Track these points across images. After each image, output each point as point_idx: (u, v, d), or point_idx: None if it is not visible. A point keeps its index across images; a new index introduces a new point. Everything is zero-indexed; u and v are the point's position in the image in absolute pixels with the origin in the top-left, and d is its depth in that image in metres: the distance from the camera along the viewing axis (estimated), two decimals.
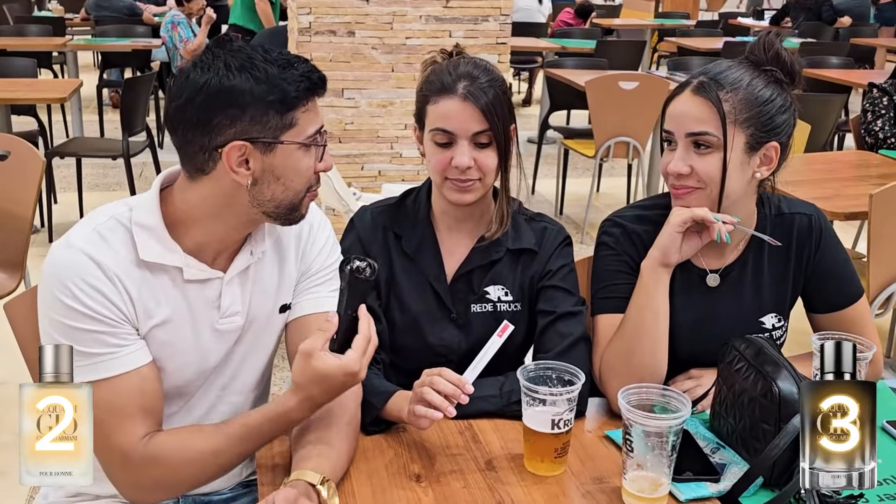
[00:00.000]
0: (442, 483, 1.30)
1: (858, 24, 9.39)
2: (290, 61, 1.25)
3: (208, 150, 1.24)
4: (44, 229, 4.73)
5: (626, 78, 4.83)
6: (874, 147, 3.70)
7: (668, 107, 1.53)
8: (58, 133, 6.51)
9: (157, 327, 1.31)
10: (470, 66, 1.53)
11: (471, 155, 1.50)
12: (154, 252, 1.29)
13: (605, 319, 1.58)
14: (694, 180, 1.49)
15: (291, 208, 1.32)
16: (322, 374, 1.22)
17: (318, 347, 1.22)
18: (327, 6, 3.66)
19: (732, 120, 1.46)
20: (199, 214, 1.31)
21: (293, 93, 1.23)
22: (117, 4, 8.24)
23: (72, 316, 1.23)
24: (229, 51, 1.24)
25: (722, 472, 1.32)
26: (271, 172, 1.26)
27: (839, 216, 2.81)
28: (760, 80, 1.49)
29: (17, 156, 2.84)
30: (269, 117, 1.23)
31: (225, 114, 1.22)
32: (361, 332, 1.24)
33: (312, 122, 1.28)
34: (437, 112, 1.52)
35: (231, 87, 1.21)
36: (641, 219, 1.62)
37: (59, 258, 1.25)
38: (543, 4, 8.83)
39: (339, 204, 2.87)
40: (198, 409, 1.41)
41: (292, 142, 1.26)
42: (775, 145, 1.50)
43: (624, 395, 1.25)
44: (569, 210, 5.44)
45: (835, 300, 1.63)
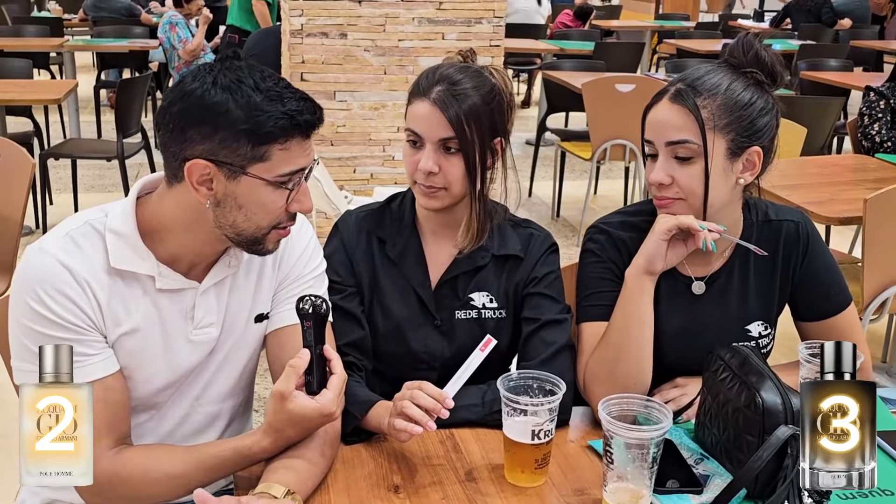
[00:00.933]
0: (421, 495, 1.28)
1: (859, 26, 9.37)
2: (281, 95, 1.20)
3: (179, 160, 1.22)
4: (39, 231, 4.72)
5: (623, 80, 4.81)
6: (871, 151, 3.68)
7: (647, 115, 1.50)
8: (55, 134, 6.51)
9: (126, 335, 1.29)
10: (454, 70, 1.50)
11: (436, 160, 1.48)
12: (126, 259, 1.27)
13: (590, 327, 1.56)
14: (675, 191, 1.47)
15: (253, 240, 1.28)
16: (298, 416, 1.22)
17: (293, 389, 1.21)
18: (319, 8, 3.65)
19: (711, 126, 1.43)
20: (172, 224, 1.29)
21: (269, 127, 1.19)
22: (115, 5, 8.25)
23: (39, 322, 1.22)
24: (227, 67, 1.21)
25: (705, 483, 1.30)
26: (234, 199, 1.23)
27: (834, 220, 2.80)
28: (740, 83, 1.46)
29: (8, 158, 2.84)
30: (240, 144, 1.19)
31: (198, 129, 1.19)
32: (337, 373, 1.24)
33: (288, 163, 1.22)
34: (410, 113, 1.51)
35: (210, 103, 1.18)
36: (627, 225, 1.60)
37: (31, 263, 1.24)
38: (542, 6, 8.82)
39: (329, 207, 2.86)
40: (170, 418, 1.40)
41: (257, 176, 1.21)
42: (757, 150, 1.48)
43: (605, 406, 1.24)
44: (565, 212, 5.43)
45: (822, 308, 1.61)
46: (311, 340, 1.23)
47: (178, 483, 1.27)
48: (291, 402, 1.21)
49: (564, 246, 4.80)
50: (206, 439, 1.42)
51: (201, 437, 1.43)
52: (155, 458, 1.28)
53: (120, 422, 1.28)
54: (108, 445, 1.25)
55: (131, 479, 1.25)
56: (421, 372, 1.57)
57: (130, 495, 1.27)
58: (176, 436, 1.41)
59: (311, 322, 1.23)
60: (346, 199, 2.98)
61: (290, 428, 1.24)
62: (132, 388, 1.32)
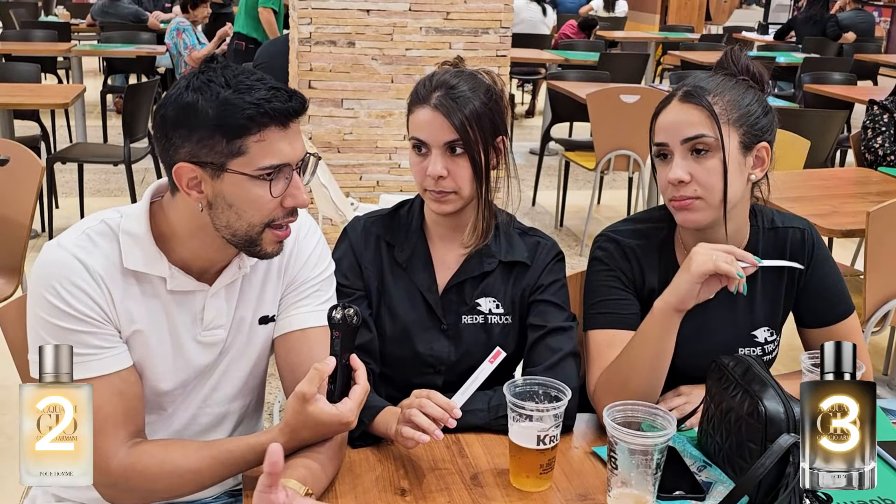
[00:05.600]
0: (427, 499, 1.30)
1: (863, 40, 9.39)
2: (251, 87, 1.20)
3: (169, 166, 1.25)
4: (45, 234, 4.74)
5: (628, 91, 4.83)
6: (874, 164, 3.69)
7: (656, 121, 1.53)
8: (61, 138, 6.54)
9: (137, 334, 1.31)
10: (449, 76, 1.53)
11: (444, 164, 1.50)
12: (138, 261, 1.29)
13: (598, 335, 1.58)
14: (694, 189, 1.48)
15: (248, 241, 1.28)
16: (316, 420, 1.23)
17: (315, 392, 1.22)
18: (328, 16, 3.67)
19: (725, 120, 1.47)
20: (180, 232, 1.31)
21: (239, 119, 1.19)
22: (123, 11, 8.29)
23: (57, 315, 1.24)
24: (202, 70, 1.23)
25: (708, 490, 1.32)
26: (223, 199, 1.24)
27: (836, 233, 2.80)
28: (740, 86, 1.52)
29: (17, 161, 2.85)
30: (216, 141, 1.20)
31: (177, 132, 1.22)
32: (360, 384, 1.26)
33: (267, 155, 1.21)
34: (413, 122, 1.54)
35: (183, 104, 1.20)
36: (635, 233, 1.62)
37: (48, 257, 1.27)
38: (547, 16, 8.84)
39: (336, 214, 2.87)
40: (179, 418, 1.41)
41: (238, 171, 1.22)
42: (765, 145, 1.51)
43: (609, 413, 1.25)
44: (569, 222, 5.44)
45: (825, 315, 1.63)
46: (338, 349, 1.25)
47: (192, 477, 1.28)
48: (312, 405, 1.22)
49: (568, 255, 4.78)
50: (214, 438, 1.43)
51: (209, 436, 1.44)
52: (169, 452, 1.29)
53: (136, 415, 1.30)
54: (125, 438, 1.27)
55: (146, 473, 1.26)
56: (427, 376, 1.59)
57: (145, 488, 1.28)
58: (184, 435, 1.42)
59: (340, 332, 1.25)
60: (353, 206, 3.00)
61: (306, 430, 1.25)
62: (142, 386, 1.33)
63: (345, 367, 1.26)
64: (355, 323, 1.25)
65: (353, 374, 1.27)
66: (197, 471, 1.28)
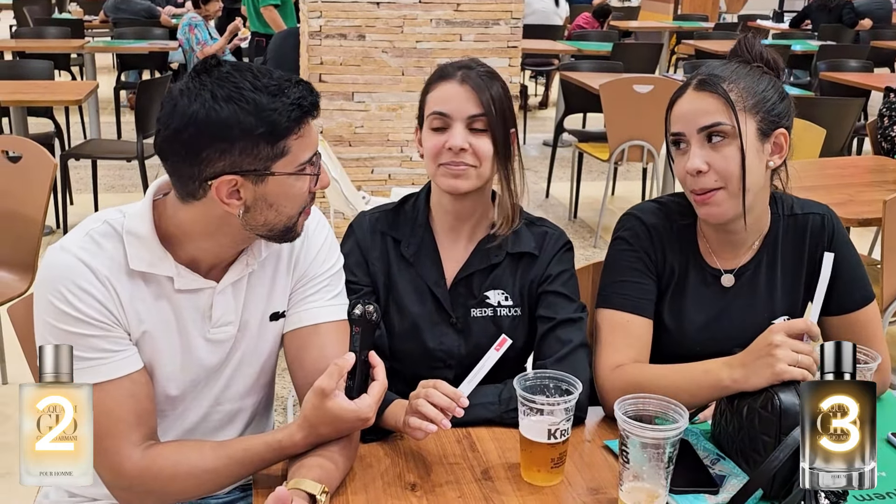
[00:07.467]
0: (437, 493, 1.29)
1: (879, 26, 9.28)
2: (280, 87, 1.20)
3: (198, 181, 1.22)
4: (59, 230, 4.76)
5: (641, 81, 4.80)
6: (891, 152, 3.65)
7: (671, 110, 1.52)
8: (75, 134, 6.56)
9: (146, 335, 1.31)
10: (470, 61, 1.58)
11: (465, 138, 1.50)
12: (143, 261, 1.28)
13: (612, 315, 1.56)
14: (713, 179, 1.46)
15: (285, 231, 1.30)
16: (335, 416, 1.23)
17: (334, 388, 1.22)
18: (338, 10, 3.66)
19: (741, 107, 1.46)
20: (190, 233, 1.30)
21: (284, 122, 1.19)
22: (135, 7, 8.31)
23: (64, 320, 1.23)
24: (216, 78, 1.20)
25: (721, 483, 1.30)
26: (263, 200, 1.25)
27: (853, 222, 2.78)
28: (755, 72, 1.51)
29: (30, 158, 2.86)
30: (260, 148, 1.20)
31: (213, 147, 1.19)
32: (379, 380, 1.27)
33: (305, 149, 1.24)
34: (434, 97, 1.54)
35: (219, 120, 1.17)
36: (661, 214, 1.61)
37: (53, 262, 1.25)
38: (560, 7, 8.80)
39: (347, 208, 2.87)
40: (190, 417, 1.41)
41: (283, 172, 1.23)
42: (783, 132, 1.50)
43: (621, 406, 1.24)
44: (583, 213, 5.42)
45: (845, 302, 1.60)
46: (357, 346, 1.25)
47: (208, 478, 1.28)
48: (331, 401, 1.22)
49: (581, 247, 4.79)
50: (226, 437, 1.42)
51: (221, 435, 1.43)
52: (185, 452, 1.28)
53: (148, 417, 1.29)
54: (138, 441, 1.26)
55: (161, 474, 1.26)
56: (437, 370, 1.58)
57: (160, 490, 1.27)
58: (196, 434, 1.42)
59: (360, 328, 1.25)
60: (364, 200, 2.99)
61: (325, 426, 1.25)
62: (153, 386, 1.33)
63: (364, 363, 1.26)
64: (375, 319, 1.26)
65: (372, 370, 1.27)
66: (214, 470, 1.27)
